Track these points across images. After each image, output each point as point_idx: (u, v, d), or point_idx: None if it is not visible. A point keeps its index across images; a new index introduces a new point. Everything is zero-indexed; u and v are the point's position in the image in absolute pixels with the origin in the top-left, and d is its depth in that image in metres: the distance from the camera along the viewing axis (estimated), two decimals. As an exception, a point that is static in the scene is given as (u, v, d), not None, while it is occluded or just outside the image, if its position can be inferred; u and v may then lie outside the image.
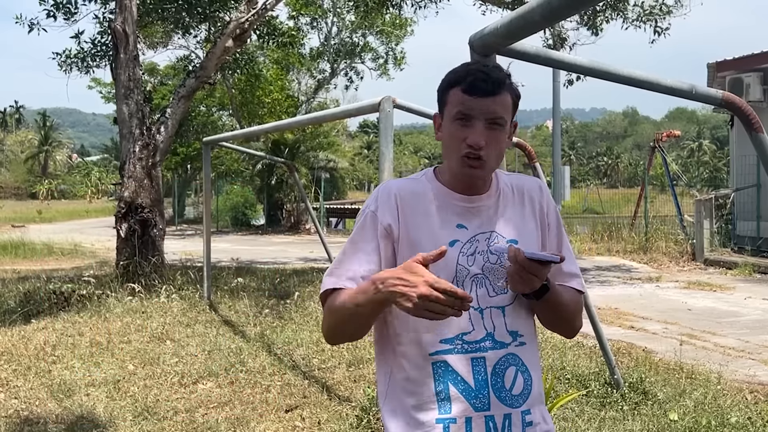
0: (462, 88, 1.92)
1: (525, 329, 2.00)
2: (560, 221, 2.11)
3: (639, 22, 15.10)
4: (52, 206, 49.77)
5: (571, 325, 2.11)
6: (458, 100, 1.92)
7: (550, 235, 2.07)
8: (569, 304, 2.03)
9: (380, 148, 5.00)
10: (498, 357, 1.93)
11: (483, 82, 1.90)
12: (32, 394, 6.06)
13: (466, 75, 1.93)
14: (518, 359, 1.97)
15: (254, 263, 16.37)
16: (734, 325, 9.33)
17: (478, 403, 1.91)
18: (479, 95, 1.90)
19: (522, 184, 2.09)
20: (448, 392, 1.91)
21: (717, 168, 70.87)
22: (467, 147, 1.90)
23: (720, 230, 17.31)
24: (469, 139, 1.89)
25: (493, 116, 1.90)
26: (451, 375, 1.92)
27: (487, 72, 1.92)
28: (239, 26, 12.06)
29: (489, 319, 1.94)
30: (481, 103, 1.90)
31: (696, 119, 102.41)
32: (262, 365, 6.88)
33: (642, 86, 3.12)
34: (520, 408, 1.94)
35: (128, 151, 11.26)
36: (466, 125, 1.91)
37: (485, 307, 1.95)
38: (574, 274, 2.08)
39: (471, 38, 2.79)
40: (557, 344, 7.46)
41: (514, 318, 1.97)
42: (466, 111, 1.91)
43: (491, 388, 1.92)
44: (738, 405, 5.53)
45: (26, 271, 14.20)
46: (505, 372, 1.94)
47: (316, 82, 30.34)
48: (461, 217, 1.98)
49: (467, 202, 1.99)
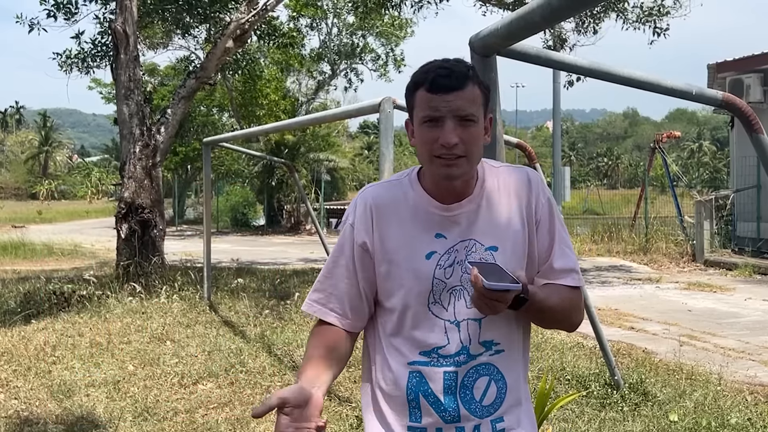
0: (425, 87, 1.84)
1: (503, 337, 1.94)
2: (554, 213, 1.98)
3: (638, 23, 15.10)
4: (53, 207, 49.79)
5: (568, 322, 2.02)
6: (424, 101, 1.84)
7: (540, 231, 1.95)
8: (558, 305, 1.91)
9: (380, 149, 5.00)
10: (467, 369, 1.90)
11: (445, 78, 1.82)
12: (32, 394, 6.06)
13: (427, 74, 1.85)
14: (492, 368, 1.92)
15: (254, 264, 16.37)
16: (734, 326, 9.33)
17: (447, 416, 1.90)
18: (443, 92, 1.81)
19: (509, 177, 1.98)
20: (419, 402, 1.91)
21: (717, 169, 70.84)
22: (440, 148, 1.82)
23: (720, 231, 17.31)
24: (441, 139, 1.81)
25: (462, 113, 1.81)
26: (423, 387, 1.90)
27: (448, 67, 1.84)
28: (239, 27, 12.06)
29: (465, 331, 1.90)
30: (447, 100, 1.81)
31: (696, 120, 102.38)
32: (263, 366, 6.88)
33: (642, 87, 3.12)
34: (490, 417, 1.92)
35: (128, 151, 11.26)
36: (435, 126, 1.83)
37: (462, 320, 1.90)
38: (568, 269, 1.96)
39: (471, 39, 2.79)
40: (557, 345, 7.46)
41: (492, 328, 1.91)
42: (432, 112, 1.82)
43: (460, 401, 1.89)
44: (738, 406, 5.53)
45: (26, 272, 14.20)
46: (475, 383, 1.91)
47: (316, 83, 30.35)
48: (440, 226, 1.92)
49: (446, 211, 1.92)
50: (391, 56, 28.69)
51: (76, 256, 18.54)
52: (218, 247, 18.93)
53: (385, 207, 1.95)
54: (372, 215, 1.95)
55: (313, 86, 30.48)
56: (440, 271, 1.90)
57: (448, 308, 1.91)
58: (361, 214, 1.96)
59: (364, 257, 1.95)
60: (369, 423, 2.01)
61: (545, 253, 1.96)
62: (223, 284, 11.84)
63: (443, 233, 1.91)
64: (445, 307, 1.91)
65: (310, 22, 27.15)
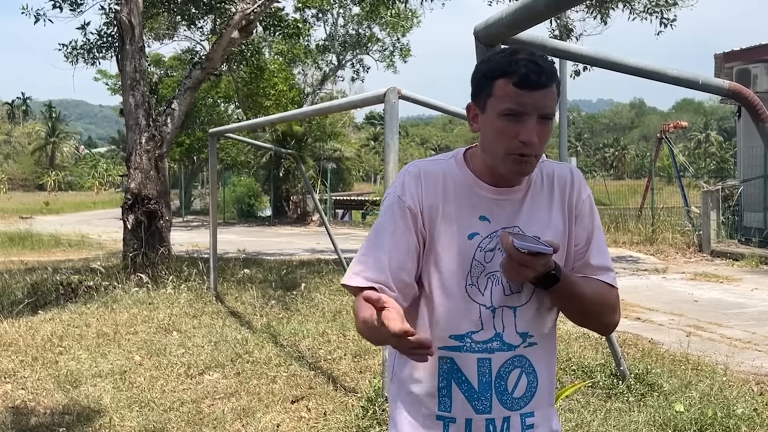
0: (513, 80, 1.77)
1: (537, 329, 1.92)
2: (594, 211, 1.98)
3: (645, 13, 15.04)
4: (59, 198, 49.93)
5: (600, 320, 1.98)
6: (508, 93, 1.78)
7: (578, 227, 1.94)
8: (592, 296, 1.89)
9: (386, 140, 5.00)
10: (504, 359, 1.88)
11: (536, 75, 1.76)
12: (39, 384, 6.09)
13: (516, 66, 1.77)
14: (525, 360, 1.90)
15: (261, 255, 16.40)
16: (741, 316, 9.31)
17: (479, 405, 1.87)
18: (532, 89, 1.76)
19: (552, 171, 1.97)
20: (450, 390, 1.88)
21: (724, 159, 70.68)
22: (521, 145, 1.78)
23: (727, 221, 17.26)
24: (523, 136, 1.77)
25: (546, 111, 1.79)
26: (456, 374, 1.88)
27: (539, 63, 1.79)
28: (245, 17, 12.04)
29: (500, 318, 1.87)
30: (534, 97, 1.76)
31: (703, 110, 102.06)
32: (269, 356, 6.89)
33: (649, 76, 3.11)
34: (520, 411, 1.90)
35: (134, 142, 11.27)
36: (517, 121, 1.78)
37: (498, 306, 1.87)
38: (605, 267, 1.94)
39: (476, 28, 2.78)
40: (563, 335, 7.45)
41: (526, 318, 1.89)
42: (518, 107, 1.77)
43: (494, 390, 1.87)
44: (744, 396, 5.52)
45: (33, 263, 14.25)
46: (509, 374, 1.89)
47: (322, 74, 30.31)
48: (485, 209, 1.89)
49: (494, 194, 1.89)
50: (398, 46, 28.63)
51: (83, 247, 18.59)
52: (224, 238, 18.95)
53: (434, 179, 1.90)
54: (421, 183, 1.89)
55: (318, 77, 30.45)
56: (481, 254, 1.87)
57: (485, 293, 1.87)
58: (409, 183, 1.90)
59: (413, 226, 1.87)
60: (396, 412, 1.97)
61: (582, 249, 1.95)
62: (229, 275, 11.86)
63: (488, 216, 1.88)
64: (481, 291, 1.88)
65: (316, 12, 27.09)
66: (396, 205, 1.89)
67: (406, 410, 1.94)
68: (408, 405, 1.94)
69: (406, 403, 1.95)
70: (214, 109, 29.30)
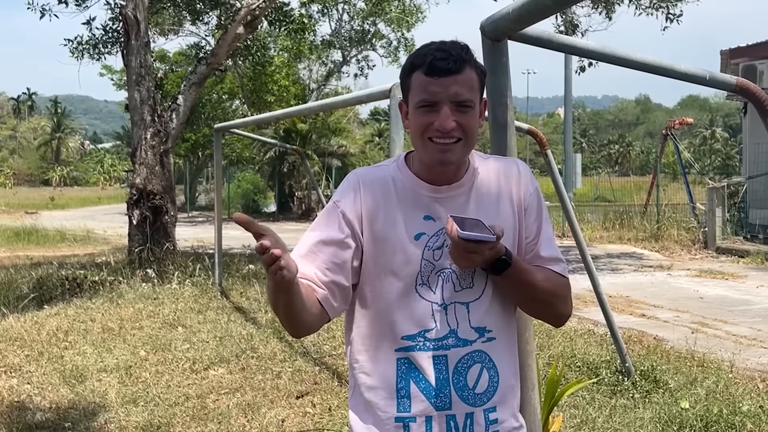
0: (423, 70, 1.80)
1: (495, 324, 1.92)
2: (541, 203, 1.99)
3: (651, 8, 14.99)
4: (65, 193, 50.07)
5: (554, 310, 1.99)
6: (420, 84, 1.81)
7: (528, 220, 1.95)
8: (543, 284, 1.90)
9: (391, 135, 4.98)
10: (461, 355, 1.88)
11: (443, 61, 1.78)
12: (45, 379, 6.10)
13: (425, 56, 1.81)
14: (485, 356, 1.90)
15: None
16: (746, 313, 9.30)
17: (438, 402, 1.87)
18: (441, 75, 1.79)
19: (498, 166, 1.98)
20: (408, 390, 1.88)
21: (729, 156, 70.53)
22: (438, 133, 1.80)
23: (732, 218, 17.22)
24: (436, 123, 1.79)
25: (459, 99, 1.80)
26: (413, 372, 1.88)
27: (446, 49, 1.81)
28: (250, 12, 12.04)
29: (453, 315, 1.88)
30: (444, 84, 1.79)
31: (708, 107, 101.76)
32: (273, 352, 6.90)
33: (656, 72, 3.09)
34: (483, 406, 1.90)
35: (140, 137, 11.28)
36: (432, 111, 1.80)
37: (450, 303, 1.88)
38: (556, 258, 1.97)
39: (482, 23, 2.77)
40: (568, 332, 7.45)
41: (480, 313, 1.89)
42: (429, 96, 1.80)
43: (453, 386, 1.87)
44: (750, 393, 5.51)
45: (39, 258, 14.28)
46: (469, 370, 1.88)
47: (327, 70, 30.28)
48: (429, 208, 1.89)
49: (436, 192, 1.90)
50: (403, 42, 28.58)
51: (88, 243, 18.62)
52: (229, 234, 18.88)
53: (374, 187, 1.92)
54: (360, 194, 1.91)
55: (324, 73, 30.43)
56: (429, 253, 1.88)
57: (436, 291, 1.88)
58: (349, 192, 1.93)
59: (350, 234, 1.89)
60: (353, 419, 1.97)
61: (532, 241, 1.96)
62: (234, 270, 11.87)
63: (432, 215, 1.89)
64: (432, 290, 1.88)
65: (321, 8, 27.06)
66: (331, 208, 1.93)
67: (364, 419, 1.94)
68: (365, 414, 1.94)
69: (363, 412, 1.94)
70: (219, 105, 29.30)
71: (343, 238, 1.89)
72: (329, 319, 1.92)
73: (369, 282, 1.92)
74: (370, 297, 1.93)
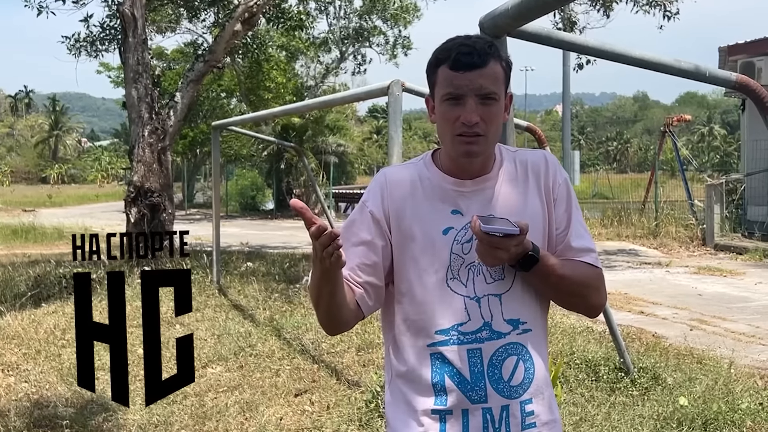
0: (448, 65, 1.84)
1: (529, 315, 1.92)
2: (571, 193, 2.00)
3: (649, 6, 14.99)
4: (63, 191, 49.97)
5: (587, 302, 2.00)
6: (446, 78, 1.85)
7: (557, 210, 1.96)
8: (574, 276, 1.91)
9: (389, 133, 4.98)
10: (495, 348, 1.88)
11: (467, 56, 1.82)
12: (42, 377, 6.09)
13: (449, 51, 1.85)
14: (521, 347, 1.91)
15: (263, 248, 16.38)
16: (744, 310, 9.30)
17: (474, 395, 1.87)
18: (466, 69, 1.82)
19: (526, 158, 1.99)
20: (444, 384, 1.89)
21: (728, 153, 70.51)
22: (461, 125, 1.83)
23: (730, 215, 17.22)
24: (462, 117, 1.82)
25: (484, 92, 1.82)
26: (447, 367, 1.88)
27: (470, 44, 1.84)
28: (248, 10, 12.02)
29: (486, 307, 1.89)
30: (469, 78, 1.82)
31: (706, 104, 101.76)
32: (272, 349, 6.89)
33: (655, 69, 3.09)
34: (519, 398, 1.90)
35: (137, 135, 11.26)
36: (457, 104, 1.84)
37: (482, 296, 1.89)
38: (587, 248, 1.97)
39: (481, 20, 2.76)
40: (567, 329, 7.44)
41: (514, 305, 1.90)
42: (454, 90, 1.83)
43: (488, 379, 1.87)
44: (748, 391, 5.50)
45: (36, 256, 14.25)
46: (504, 362, 1.89)
47: (324, 68, 30.23)
48: (456, 202, 1.92)
49: (462, 187, 1.92)
50: (400, 39, 28.54)
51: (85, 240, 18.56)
52: (227, 231, 18.95)
53: (402, 185, 1.95)
54: (387, 193, 1.95)
55: (321, 71, 30.38)
56: (458, 247, 1.90)
57: (467, 284, 1.89)
58: (377, 192, 1.97)
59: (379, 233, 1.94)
60: (389, 411, 2.00)
61: (563, 233, 1.96)
62: (232, 268, 11.85)
63: (459, 210, 1.91)
64: (464, 283, 1.90)
65: (318, 5, 27.01)
66: (359, 209, 1.98)
67: (402, 411, 1.95)
68: (402, 406, 1.95)
69: (400, 404, 1.96)
70: (217, 102, 29.26)
71: (371, 239, 1.93)
72: (363, 317, 1.96)
73: (401, 279, 1.95)
74: (402, 293, 1.95)
